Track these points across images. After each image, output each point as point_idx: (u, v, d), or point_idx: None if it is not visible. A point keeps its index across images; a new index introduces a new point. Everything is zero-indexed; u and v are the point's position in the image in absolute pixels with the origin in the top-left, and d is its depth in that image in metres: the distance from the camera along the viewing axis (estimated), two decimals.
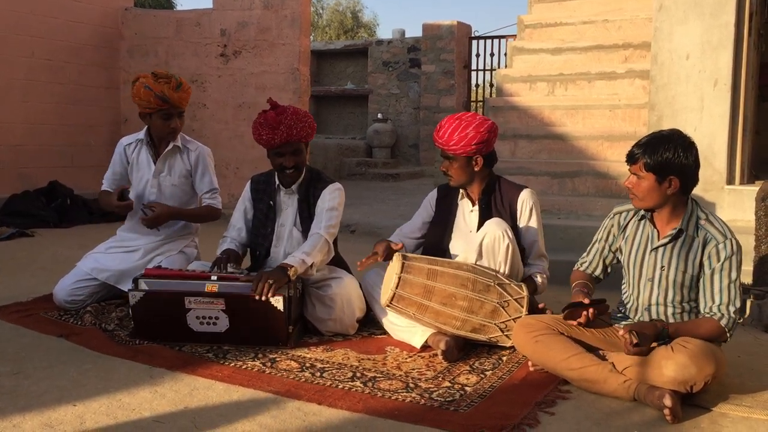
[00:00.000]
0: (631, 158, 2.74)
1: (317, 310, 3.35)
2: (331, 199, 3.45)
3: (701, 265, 2.71)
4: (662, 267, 2.76)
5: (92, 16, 7.73)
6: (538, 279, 3.35)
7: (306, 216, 3.48)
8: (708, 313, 2.69)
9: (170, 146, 3.81)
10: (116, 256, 3.78)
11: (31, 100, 7.19)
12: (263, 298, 3.02)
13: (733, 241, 2.68)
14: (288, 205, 3.54)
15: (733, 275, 2.67)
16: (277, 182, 3.55)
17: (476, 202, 3.43)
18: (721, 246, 2.67)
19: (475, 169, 3.36)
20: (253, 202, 3.63)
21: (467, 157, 3.32)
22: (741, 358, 3.17)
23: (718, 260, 2.67)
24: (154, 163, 3.83)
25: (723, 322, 2.64)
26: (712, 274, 2.69)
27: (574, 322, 2.78)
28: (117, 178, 3.91)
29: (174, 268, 3.49)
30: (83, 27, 7.65)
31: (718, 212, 4.55)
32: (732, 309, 2.65)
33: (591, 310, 2.76)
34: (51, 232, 6.24)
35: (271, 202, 3.54)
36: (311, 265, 3.24)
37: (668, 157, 2.64)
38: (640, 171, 2.70)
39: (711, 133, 4.87)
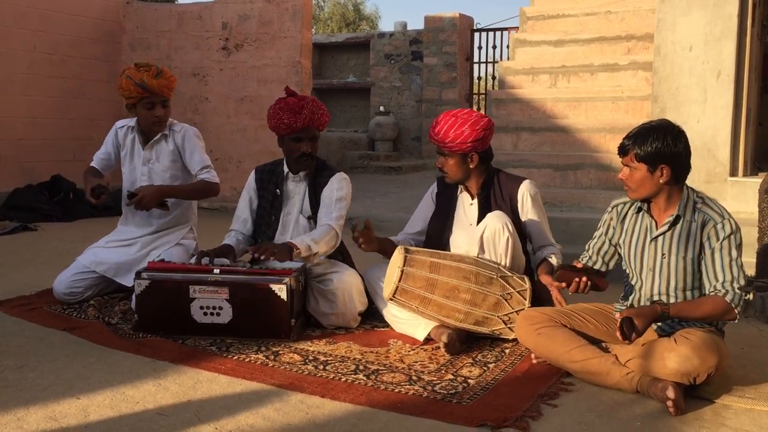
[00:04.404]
0: (622, 150, 2.75)
1: (320, 305, 3.36)
2: (339, 188, 3.47)
3: (701, 246, 2.70)
4: (663, 255, 2.76)
5: (94, 9, 7.72)
6: (553, 260, 3.29)
7: (313, 203, 3.50)
8: (712, 292, 2.67)
9: (158, 135, 3.80)
10: (114, 249, 3.78)
11: (32, 94, 7.19)
12: (261, 257, 3.11)
13: (732, 221, 2.67)
14: (295, 193, 3.56)
15: (734, 254, 2.65)
16: (286, 171, 3.56)
17: (475, 196, 3.43)
18: (719, 226, 2.67)
19: (471, 166, 3.34)
20: (258, 191, 3.63)
21: (462, 155, 3.31)
22: (744, 350, 3.17)
23: (718, 239, 2.66)
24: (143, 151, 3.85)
25: (728, 298, 2.61)
26: (712, 254, 2.68)
27: (562, 285, 2.75)
28: (105, 158, 3.92)
29: (176, 262, 3.50)
30: (85, 21, 7.65)
31: (720, 204, 4.54)
32: (736, 285, 2.62)
33: (584, 279, 2.74)
34: (54, 226, 6.25)
35: (278, 190, 3.55)
36: (316, 254, 3.25)
37: (658, 146, 2.65)
38: (631, 162, 2.71)
39: (714, 124, 4.86)
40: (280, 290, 3.07)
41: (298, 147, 3.44)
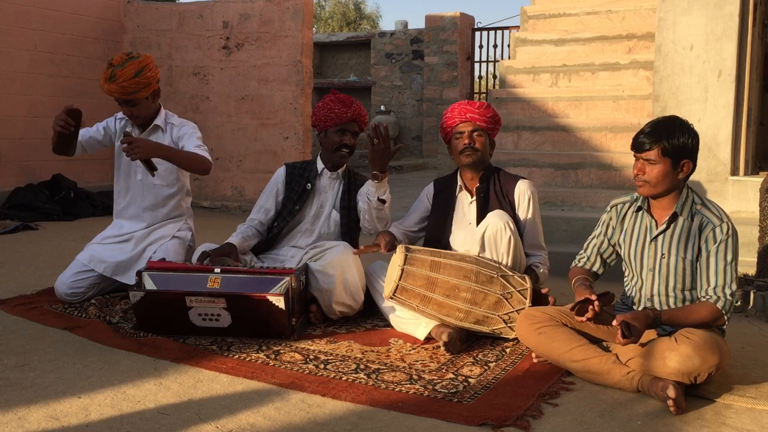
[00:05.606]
0: (645, 145, 2.70)
1: (320, 282, 3.35)
2: None
3: (699, 249, 2.71)
4: (662, 255, 2.76)
5: (94, 8, 7.72)
6: (540, 270, 3.36)
7: (346, 200, 3.65)
8: (704, 297, 2.68)
9: (150, 126, 3.77)
10: (111, 247, 3.76)
11: (33, 93, 7.19)
12: (379, 137, 3.32)
13: (729, 225, 2.68)
14: (329, 188, 3.70)
15: (729, 257, 2.66)
16: (320, 167, 3.69)
17: (474, 193, 3.44)
18: (717, 229, 2.68)
19: (490, 151, 3.48)
20: (287, 184, 3.72)
21: (489, 134, 3.45)
22: (745, 350, 3.17)
23: (714, 242, 2.67)
24: None
25: (719, 305, 2.63)
26: (708, 257, 2.69)
27: (583, 318, 2.75)
28: (93, 132, 3.83)
29: (175, 260, 3.51)
30: (85, 20, 7.65)
31: (722, 203, 4.54)
32: (728, 291, 2.64)
33: (596, 303, 2.75)
34: (55, 225, 6.26)
35: (309, 185, 3.67)
36: (383, 204, 3.42)
37: (684, 141, 2.67)
38: (656, 157, 2.68)
39: (715, 124, 4.86)
40: (278, 301, 3.05)
41: (342, 139, 3.61)
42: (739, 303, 3.75)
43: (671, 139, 2.66)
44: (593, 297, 2.74)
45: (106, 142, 3.88)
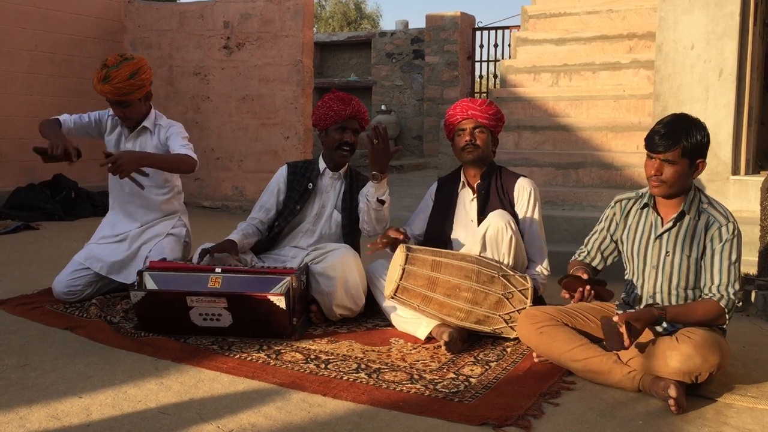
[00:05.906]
0: (664, 145, 2.65)
1: (321, 285, 3.35)
2: None
3: (704, 247, 2.71)
4: (667, 253, 2.76)
5: (95, 8, 7.72)
6: (537, 282, 3.30)
7: (348, 201, 3.64)
8: (707, 294, 2.68)
9: (139, 127, 3.77)
10: (107, 246, 3.77)
11: (34, 93, 7.19)
12: (378, 137, 3.28)
13: (735, 224, 2.69)
14: (330, 188, 3.69)
15: (733, 257, 2.66)
16: (322, 167, 3.68)
17: (476, 191, 3.44)
18: (723, 228, 2.68)
19: (493, 148, 3.49)
20: (289, 183, 3.71)
21: (491, 130, 3.45)
22: (746, 349, 3.17)
23: (720, 241, 2.67)
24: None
25: (722, 303, 2.63)
26: (712, 255, 2.69)
27: (570, 294, 2.73)
28: (86, 123, 3.84)
29: (172, 257, 3.54)
30: (86, 20, 7.65)
31: (723, 203, 4.54)
32: (731, 290, 2.64)
33: (587, 288, 2.69)
34: (56, 225, 6.26)
35: (310, 185, 3.66)
36: (382, 205, 3.40)
37: (700, 139, 2.66)
38: (675, 158, 2.64)
39: (716, 123, 4.85)
40: (279, 300, 3.05)
41: (342, 136, 3.61)
42: (740, 303, 3.75)
43: (689, 139, 2.64)
44: (585, 276, 2.73)
45: (94, 134, 3.89)
